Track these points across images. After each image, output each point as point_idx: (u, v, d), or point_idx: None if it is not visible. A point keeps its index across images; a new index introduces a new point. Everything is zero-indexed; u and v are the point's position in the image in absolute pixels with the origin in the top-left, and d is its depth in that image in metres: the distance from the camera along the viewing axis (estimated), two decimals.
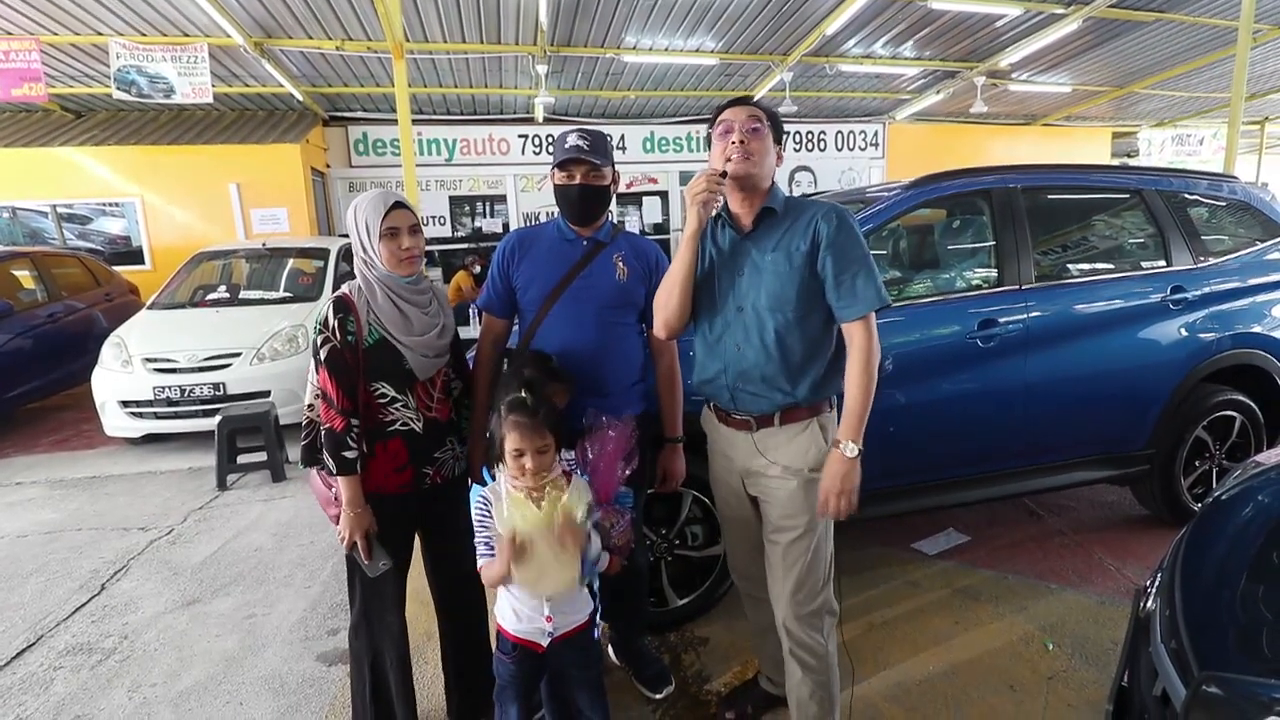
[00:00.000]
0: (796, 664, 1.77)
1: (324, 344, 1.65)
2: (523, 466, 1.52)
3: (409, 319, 1.72)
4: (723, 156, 1.63)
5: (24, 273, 6.08)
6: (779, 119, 1.71)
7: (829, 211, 1.64)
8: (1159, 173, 3.19)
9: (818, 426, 1.69)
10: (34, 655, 2.53)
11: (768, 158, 1.65)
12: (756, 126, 1.63)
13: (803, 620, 1.73)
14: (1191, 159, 13.49)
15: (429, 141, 10.51)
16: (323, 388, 1.66)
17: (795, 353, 1.65)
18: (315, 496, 1.83)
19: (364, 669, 1.85)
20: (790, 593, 1.73)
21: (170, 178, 8.70)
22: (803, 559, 1.71)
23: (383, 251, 1.68)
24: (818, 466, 1.67)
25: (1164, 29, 8.81)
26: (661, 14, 7.68)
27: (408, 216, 1.71)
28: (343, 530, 1.69)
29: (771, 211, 1.67)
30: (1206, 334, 2.93)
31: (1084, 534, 3.17)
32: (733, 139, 1.62)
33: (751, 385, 1.69)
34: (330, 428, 1.65)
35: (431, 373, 1.77)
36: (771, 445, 1.71)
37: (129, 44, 7.19)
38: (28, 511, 3.91)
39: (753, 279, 1.67)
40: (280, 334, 4.95)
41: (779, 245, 1.66)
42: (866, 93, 11.03)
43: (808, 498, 1.68)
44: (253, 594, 2.91)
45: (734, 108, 1.67)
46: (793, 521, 1.70)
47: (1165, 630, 1.31)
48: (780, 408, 1.69)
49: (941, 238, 3.20)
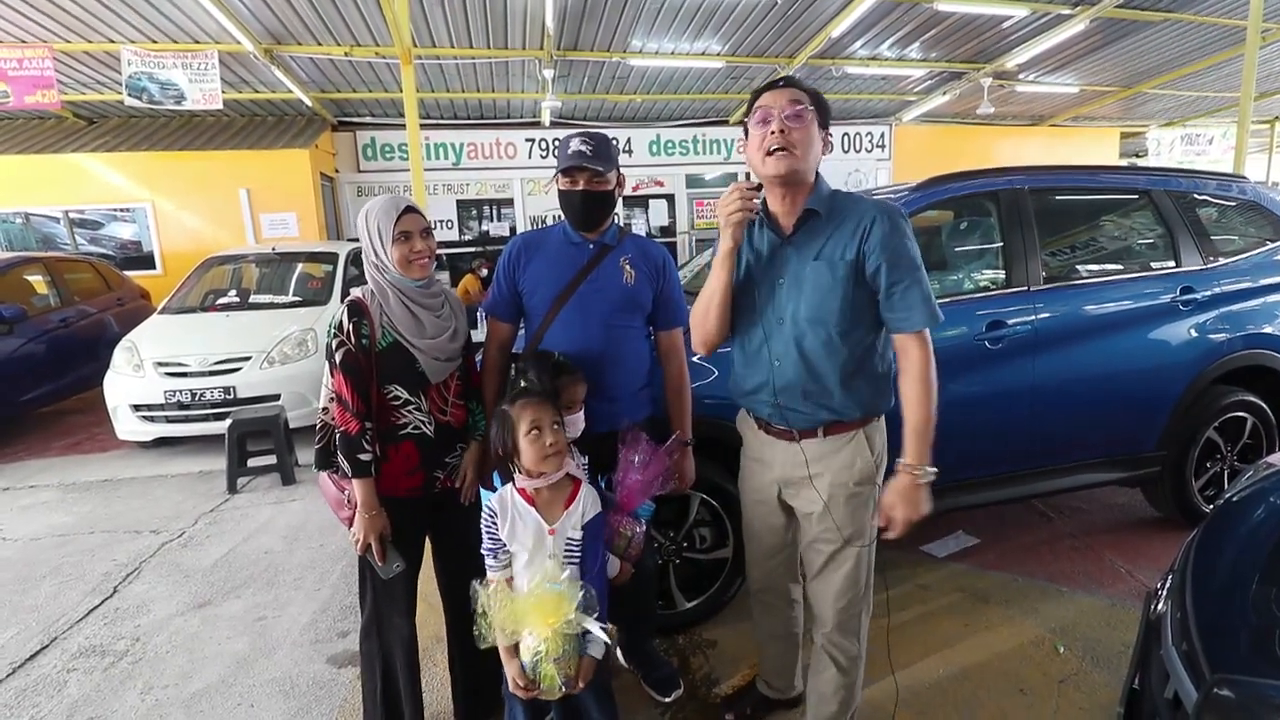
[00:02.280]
0: (829, 662, 1.76)
1: (339, 348, 1.66)
2: (544, 446, 1.52)
3: (422, 322, 1.74)
4: (761, 150, 1.48)
5: (37, 278, 6.14)
6: (824, 100, 1.55)
7: (880, 214, 1.51)
8: (1167, 173, 3.17)
9: (864, 437, 1.62)
10: (48, 657, 2.56)
11: (812, 148, 1.50)
12: (799, 111, 1.46)
13: (843, 626, 1.72)
14: (1201, 159, 13.40)
15: (437, 146, 10.56)
16: (337, 391, 1.67)
17: (840, 369, 1.55)
18: (326, 500, 1.85)
19: (375, 671, 1.86)
20: (833, 599, 1.70)
21: (181, 183, 8.77)
22: (844, 569, 1.67)
23: (395, 255, 1.69)
24: (863, 479, 1.62)
25: (1172, 29, 8.76)
26: (667, 17, 7.69)
27: (419, 220, 1.73)
28: (357, 532, 1.70)
29: (815, 213, 1.54)
30: (1217, 335, 2.91)
31: (1095, 536, 3.15)
32: (771, 128, 1.46)
33: (794, 401, 1.60)
34: (345, 431, 1.66)
35: (444, 376, 1.79)
36: (815, 456, 1.63)
37: (141, 51, 7.27)
38: (41, 515, 3.95)
39: (793, 289, 1.56)
40: (290, 338, 4.98)
41: (822, 254, 1.53)
42: (873, 94, 11.01)
43: (852, 512, 1.63)
44: (263, 596, 2.93)
45: (773, 90, 1.50)
46: (836, 534, 1.65)
47: (1176, 632, 1.30)
48: (824, 423, 1.61)
49: (949, 239, 3.19)
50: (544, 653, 1.49)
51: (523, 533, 1.57)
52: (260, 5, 6.75)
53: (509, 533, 1.57)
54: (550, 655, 1.49)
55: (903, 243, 1.50)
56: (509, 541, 1.58)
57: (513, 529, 1.57)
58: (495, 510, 1.58)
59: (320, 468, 1.80)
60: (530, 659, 1.51)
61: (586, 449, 1.82)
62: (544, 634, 1.48)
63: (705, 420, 2.10)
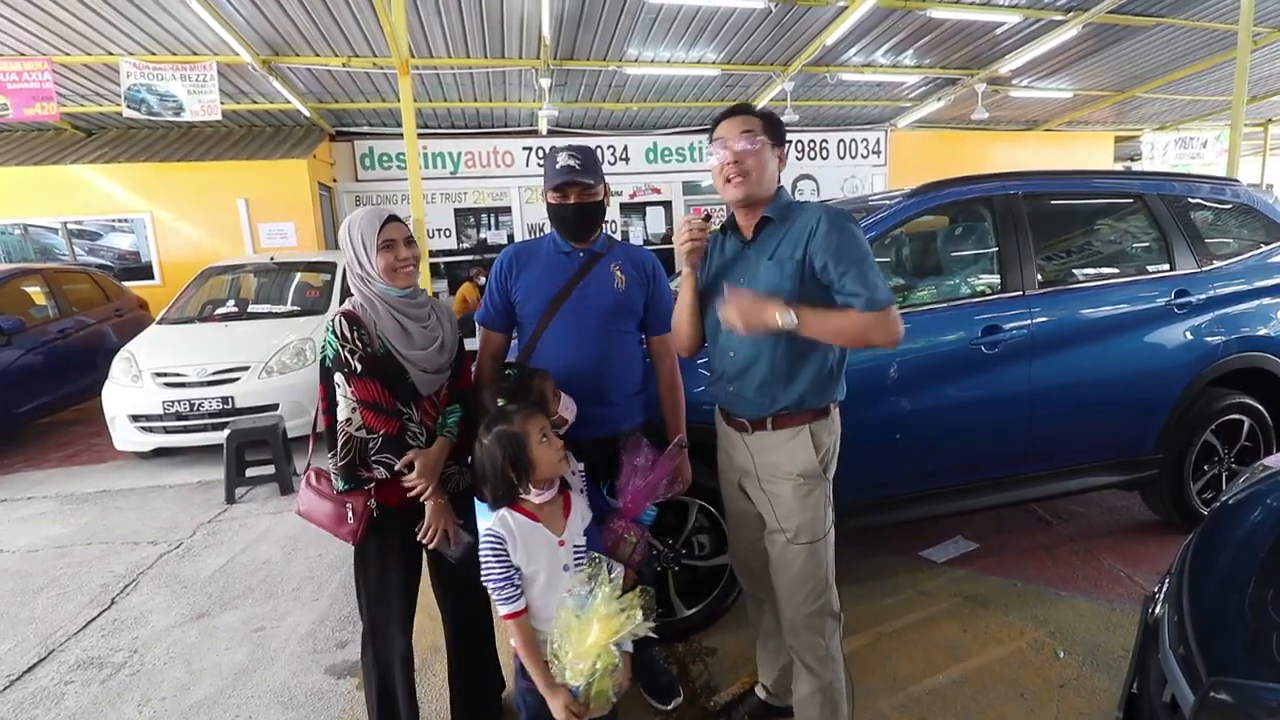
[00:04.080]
0: (800, 666, 1.78)
1: (353, 354, 1.65)
2: (557, 448, 1.54)
3: (410, 334, 1.74)
4: (721, 176, 1.64)
5: (35, 289, 6.15)
6: (777, 120, 1.68)
7: (824, 215, 1.62)
8: (1160, 177, 3.19)
9: (809, 433, 1.69)
10: (45, 669, 2.55)
11: (766, 170, 1.64)
12: (751, 139, 1.61)
13: (804, 620, 1.74)
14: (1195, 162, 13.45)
15: (434, 155, 10.59)
16: (368, 398, 1.65)
17: (784, 359, 1.65)
18: (317, 521, 1.75)
19: (371, 682, 1.85)
20: (790, 592, 1.74)
21: (179, 194, 8.78)
22: (799, 560, 1.71)
23: (380, 264, 1.69)
24: (807, 473, 1.68)
25: (1164, 33, 8.82)
26: (663, 26, 7.74)
27: (401, 229, 1.74)
28: (431, 523, 1.70)
29: (770, 220, 1.68)
30: (1212, 337, 2.92)
31: (1093, 540, 3.16)
32: (728, 159, 1.61)
33: (742, 389, 1.72)
34: (387, 433, 1.65)
35: (434, 388, 1.78)
36: (763, 448, 1.73)
37: (139, 63, 7.30)
38: (38, 526, 3.94)
39: (749, 285, 1.68)
40: (288, 347, 4.99)
41: (775, 253, 1.66)
42: (868, 101, 11.06)
43: (800, 501, 1.69)
44: (261, 607, 2.92)
45: (728, 121, 1.65)
46: (788, 524, 1.71)
47: (1174, 636, 1.31)
48: (772, 413, 1.69)
49: (944, 244, 3.20)
50: (599, 670, 1.42)
51: (538, 551, 1.52)
52: (258, 17, 6.78)
53: (525, 556, 1.51)
54: (606, 669, 1.42)
55: (843, 238, 1.59)
56: (526, 565, 1.51)
57: (528, 550, 1.51)
58: (501, 536, 1.50)
59: (347, 484, 1.69)
60: (584, 681, 1.43)
61: (584, 454, 1.82)
62: (598, 649, 1.40)
63: (703, 426, 2.10)
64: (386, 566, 1.80)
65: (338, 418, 1.69)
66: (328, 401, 1.73)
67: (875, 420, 2.48)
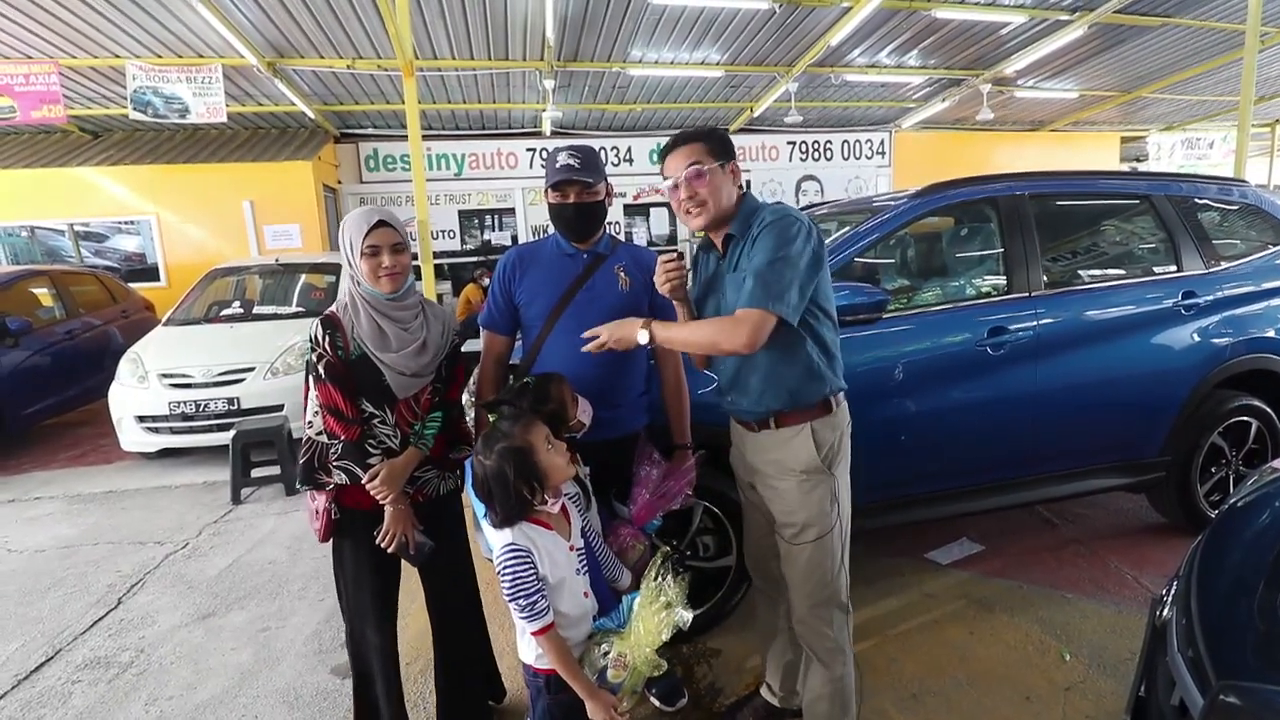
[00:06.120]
0: (811, 655, 1.81)
1: (319, 359, 1.67)
2: (565, 451, 1.54)
3: (386, 335, 1.72)
4: (680, 209, 1.70)
5: (42, 290, 6.18)
6: (720, 136, 1.69)
7: (760, 220, 1.63)
8: (1167, 178, 3.18)
9: (810, 430, 1.71)
10: (52, 669, 2.56)
11: (720, 192, 1.66)
12: (697, 170, 1.63)
13: (812, 612, 1.76)
14: (1202, 163, 13.40)
15: (439, 156, 10.62)
16: (329, 403, 1.67)
17: (763, 363, 1.69)
18: (307, 517, 1.84)
19: (352, 679, 1.88)
20: (797, 584, 1.77)
21: (185, 196, 8.83)
22: (805, 554, 1.74)
23: (363, 268, 1.69)
24: (809, 469, 1.71)
25: (1170, 33, 8.78)
26: (667, 27, 7.74)
27: (390, 235, 1.71)
28: (389, 527, 1.70)
29: (733, 237, 1.72)
30: (1220, 339, 2.91)
31: (1100, 542, 3.14)
32: (680, 194, 1.66)
33: (740, 396, 1.77)
34: (347, 440, 1.67)
35: (412, 391, 1.76)
36: (766, 446, 1.76)
37: (145, 66, 7.34)
38: (45, 527, 3.96)
39: (728, 297, 1.72)
40: (293, 348, 4.99)
41: (738, 265, 1.69)
42: (872, 101, 11.05)
43: (804, 496, 1.72)
44: (267, 607, 2.93)
45: (671, 156, 1.68)
46: (793, 519, 1.74)
47: (1182, 639, 1.30)
48: (771, 413, 1.72)
49: (950, 245, 3.20)
50: (636, 663, 1.44)
51: (558, 560, 1.50)
52: (264, 19, 6.81)
53: (550, 566, 1.48)
54: (645, 664, 1.45)
55: (760, 243, 1.59)
56: (551, 574, 1.48)
57: (552, 561, 1.48)
58: (526, 549, 1.45)
59: (304, 483, 1.76)
60: (623, 678, 1.44)
61: (589, 456, 1.82)
62: (651, 644, 1.43)
63: (707, 428, 2.10)
64: (360, 567, 1.81)
65: (306, 418, 1.73)
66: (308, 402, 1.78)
67: (880, 421, 2.48)
